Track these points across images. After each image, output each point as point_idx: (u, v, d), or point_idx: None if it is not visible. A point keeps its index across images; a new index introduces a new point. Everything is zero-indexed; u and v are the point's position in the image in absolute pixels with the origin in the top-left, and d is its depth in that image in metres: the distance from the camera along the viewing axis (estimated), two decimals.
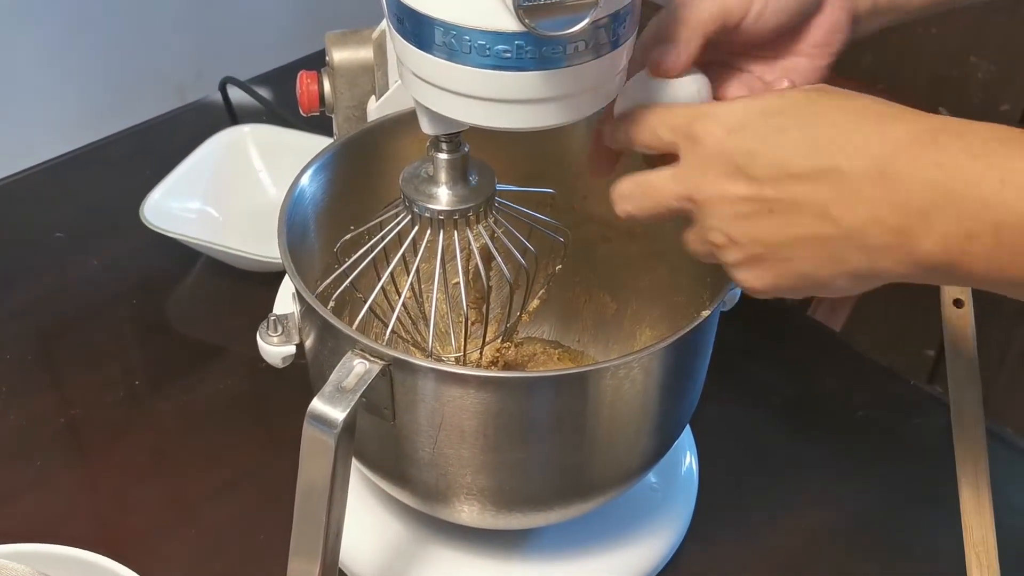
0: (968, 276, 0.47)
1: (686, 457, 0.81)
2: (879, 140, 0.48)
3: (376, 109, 0.78)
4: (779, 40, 0.61)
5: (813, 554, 0.77)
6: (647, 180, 0.56)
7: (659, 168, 0.55)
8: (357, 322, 0.66)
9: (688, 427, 0.80)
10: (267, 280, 0.91)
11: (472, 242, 0.66)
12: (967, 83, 1.61)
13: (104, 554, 0.66)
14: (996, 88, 1.60)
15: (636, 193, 0.56)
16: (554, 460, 0.64)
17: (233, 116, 1.19)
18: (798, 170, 0.49)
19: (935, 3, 0.65)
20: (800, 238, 0.50)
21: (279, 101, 1.18)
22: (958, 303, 0.79)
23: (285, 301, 0.83)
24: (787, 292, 0.54)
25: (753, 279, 0.53)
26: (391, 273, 0.67)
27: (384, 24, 0.75)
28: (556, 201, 0.75)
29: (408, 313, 0.74)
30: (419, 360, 0.59)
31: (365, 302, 0.67)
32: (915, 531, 0.79)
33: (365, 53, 0.78)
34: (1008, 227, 0.44)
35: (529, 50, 0.51)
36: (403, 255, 0.66)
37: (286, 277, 0.81)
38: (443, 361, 0.73)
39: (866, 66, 1.70)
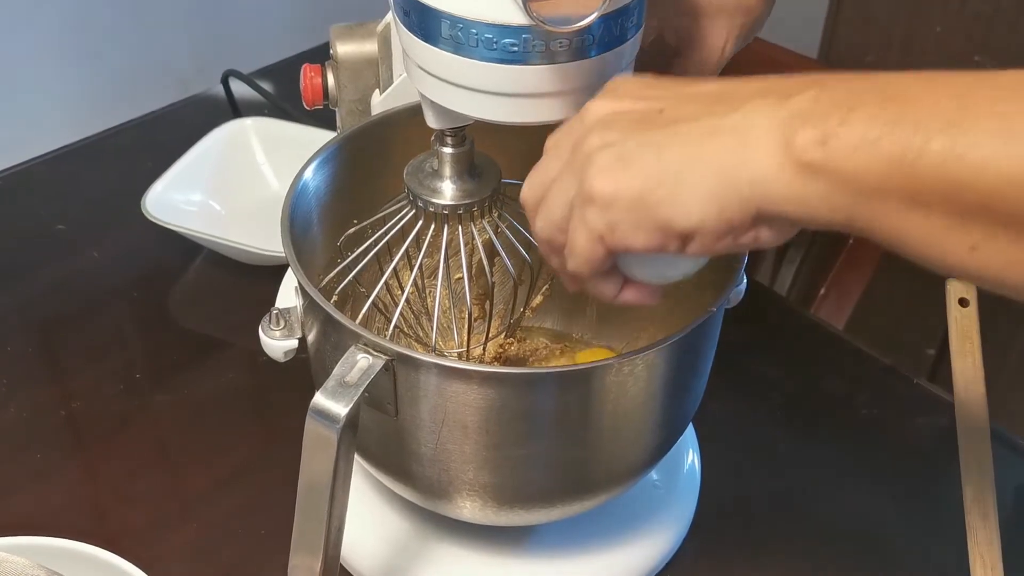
0: (839, 174, 0.42)
1: (688, 455, 0.81)
2: (751, 82, 0.46)
3: (380, 103, 0.78)
4: None
5: (815, 552, 0.77)
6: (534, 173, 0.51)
7: None
8: (360, 317, 0.66)
9: (691, 424, 0.79)
10: (269, 274, 0.91)
11: (476, 237, 0.65)
12: None
13: (104, 547, 0.66)
14: None
15: (532, 196, 0.51)
16: (556, 457, 0.64)
17: (235, 109, 1.19)
18: (671, 92, 0.48)
19: None
20: (681, 118, 0.46)
21: (282, 94, 1.18)
22: (963, 302, 0.79)
23: (287, 295, 0.83)
24: (643, 192, 0.46)
25: (612, 171, 0.46)
26: (394, 268, 0.67)
27: (389, 17, 0.75)
28: None
29: (411, 308, 0.74)
30: (422, 355, 0.58)
31: (368, 297, 0.66)
32: (918, 530, 0.79)
33: (369, 46, 0.78)
34: (893, 95, 0.41)
35: (536, 44, 0.51)
36: (407, 250, 0.66)
37: (288, 271, 0.81)
38: (446, 356, 0.73)
39: (869, 64, 1.70)
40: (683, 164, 0.45)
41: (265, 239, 0.93)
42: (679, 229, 0.46)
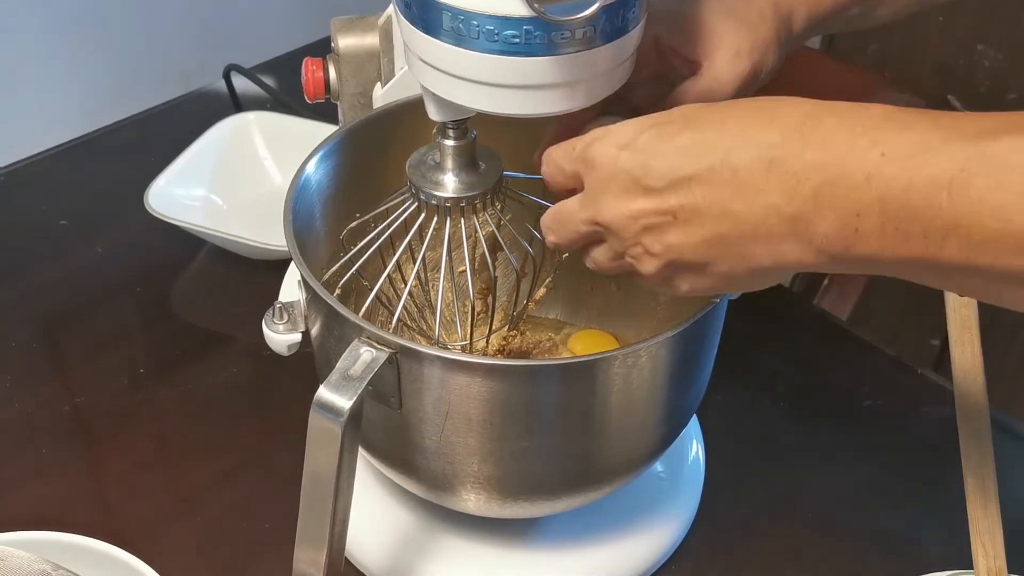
0: (867, 259, 0.46)
1: (693, 446, 0.81)
2: (765, 129, 0.48)
3: (382, 96, 0.78)
4: None
5: (819, 542, 0.77)
6: (562, 209, 0.57)
7: (571, 197, 0.56)
8: (363, 310, 0.66)
9: (695, 416, 0.79)
10: (272, 268, 0.91)
11: (479, 230, 0.65)
12: (974, 72, 1.61)
13: (108, 541, 0.66)
14: (1003, 76, 1.59)
15: (555, 224, 0.57)
16: (560, 449, 0.64)
17: (237, 104, 1.19)
18: (691, 172, 0.49)
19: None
20: (708, 239, 0.50)
21: (283, 88, 1.18)
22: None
23: (291, 289, 0.83)
24: (713, 292, 0.54)
25: (678, 286, 0.54)
26: (397, 261, 0.67)
27: (390, 10, 0.75)
28: None
29: (414, 301, 0.74)
30: (425, 348, 0.58)
31: (371, 290, 0.66)
32: (921, 520, 0.79)
33: (371, 39, 0.78)
34: (892, 200, 0.44)
35: (538, 35, 0.51)
36: (409, 243, 0.66)
37: (291, 265, 0.81)
38: (449, 349, 0.73)
39: (871, 55, 1.70)
40: (731, 276, 0.52)
41: (268, 233, 0.93)
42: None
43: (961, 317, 0.74)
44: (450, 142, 0.63)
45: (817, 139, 0.46)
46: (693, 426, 0.82)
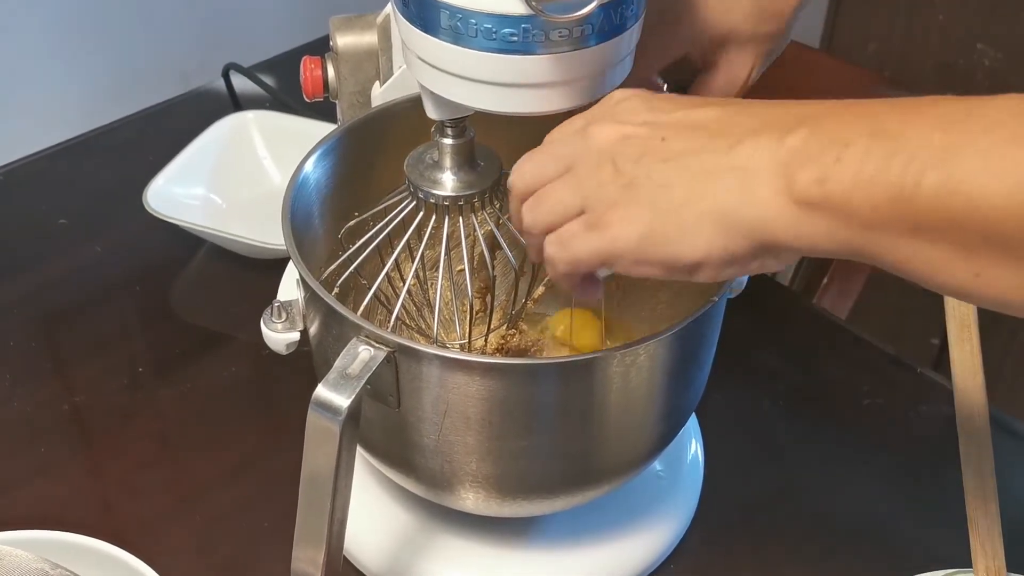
0: (835, 209, 0.43)
1: (692, 445, 0.81)
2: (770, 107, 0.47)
3: (380, 94, 0.78)
4: None
5: (818, 540, 0.77)
6: (549, 190, 0.52)
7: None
8: (362, 308, 0.66)
9: (693, 415, 0.79)
10: (271, 267, 0.91)
11: (477, 229, 0.65)
12: (974, 70, 1.61)
13: (108, 541, 0.66)
14: (1003, 76, 1.59)
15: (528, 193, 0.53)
16: (559, 447, 0.64)
17: (236, 103, 1.19)
18: (695, 118, 0.48)
19: None
20: (681, 161, 0.47)
21: (282, 87, 1.18)
22: None
23: (289, 288, 0.83)
24: (626, 246, 0.48)
25: (623, 217, 0.48)
26: (396, 259, 0.67)
27: (389, 8, 0.75)
28: None
29: (413, 300, 0.74)
30: (424, 346, 0.58)
31: (370, 288, 0.66)
32: (920, 519, 0.79)
33: (369, 38, 0.78)
34: (881, 135, 0.42)
35: (536, 33, 0.51)
36: (408, 241, 0.66)
37: (290, 263, 0.81)
38: (448, 348, 0.73)
39: (872, 53, 1.70)
40: (688, 203, 0.47)
41: (266, 232, 0.93)
42: (684, 263, 0.48)
43: (960, 316, 0.74)
44: (448, 140, 0.63)
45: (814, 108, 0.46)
46: (692, 424, 0.82)
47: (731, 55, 0.67)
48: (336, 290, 0.65)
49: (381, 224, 0.66)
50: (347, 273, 0.67)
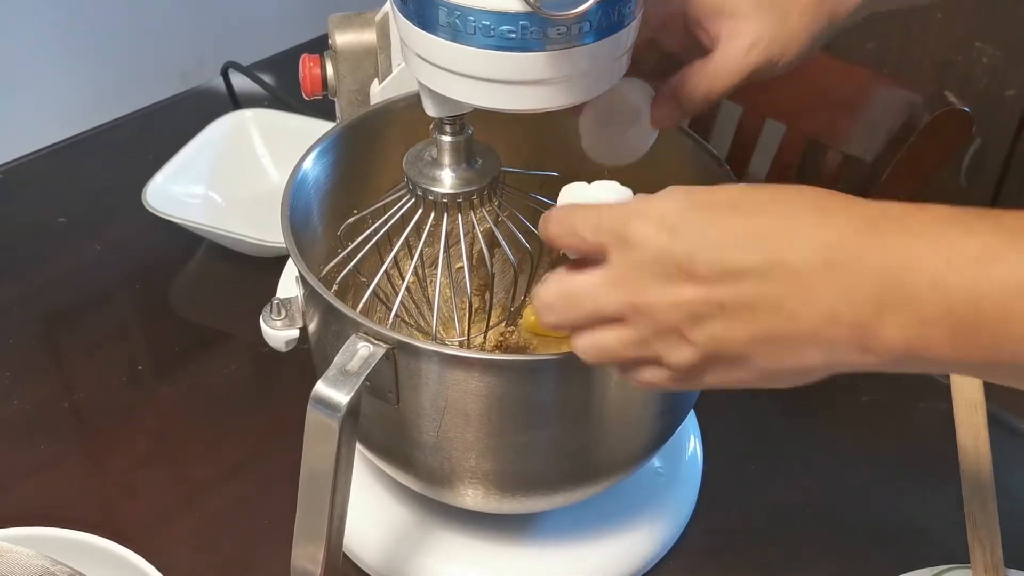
0: (938, 362, 0.45)
1: (690, 441, 0.81)
2: (823, 230, 0.46)
3: (379, 92, 0.78)
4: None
5: (816, 537, 0.77)
6: (575, 288, 0.51)
7: (585, 272, 0.50)
8: (361, 306, 0.66)
9: (692, 411, 0.79)
10: (270, 264, 0.91)
11: (476, 226, 0.65)
12: (972, 69, 1.61)
13: (108, 538, 0.66)
14: (1001, 74, 1.59)
15: (562, 304, 0.51)
16: (558, 444, 0.64)
17: (235, 101, 1.19)
18: (744, 266, 0.47)
19: None
20: (757, 336, 0.47)
21: (281, 86, 1.18)
22: None
23: (288, 285, 0.83)
24: (741, 386, 0.50)
25: (703, 379, 0.50)
26: (395, 257, 0.67)
27: (387, 6, 0.75)
28: (560, 184, 0.75)
29: (412, 297, 0.74)
30: (423, 343, 0.58)
31: (369, 286, 0.66)
32: (919, 516, 0.79)
33: (368, 36, 0.78)
34: (960, 310, 0.43)
35: (534, 31, 0.51)
36: (407, 239, 0.66)
37: (289, 261, 0.81)
38: (447, 344, 0.73)
39: (870, 51, 1.70)
40: (771, 373, 0.49)
41: (266, 230, 0.93)
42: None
43: None
44: (447, 138, 0.63)
45: (876, 242, 0.45)
46: (691, 421, 0.82)
47: (720, 28, 0.61)
48: (335, 287, 0.66)
49: (380, 221, 0.67)
50: (346, 270, 0.67)
